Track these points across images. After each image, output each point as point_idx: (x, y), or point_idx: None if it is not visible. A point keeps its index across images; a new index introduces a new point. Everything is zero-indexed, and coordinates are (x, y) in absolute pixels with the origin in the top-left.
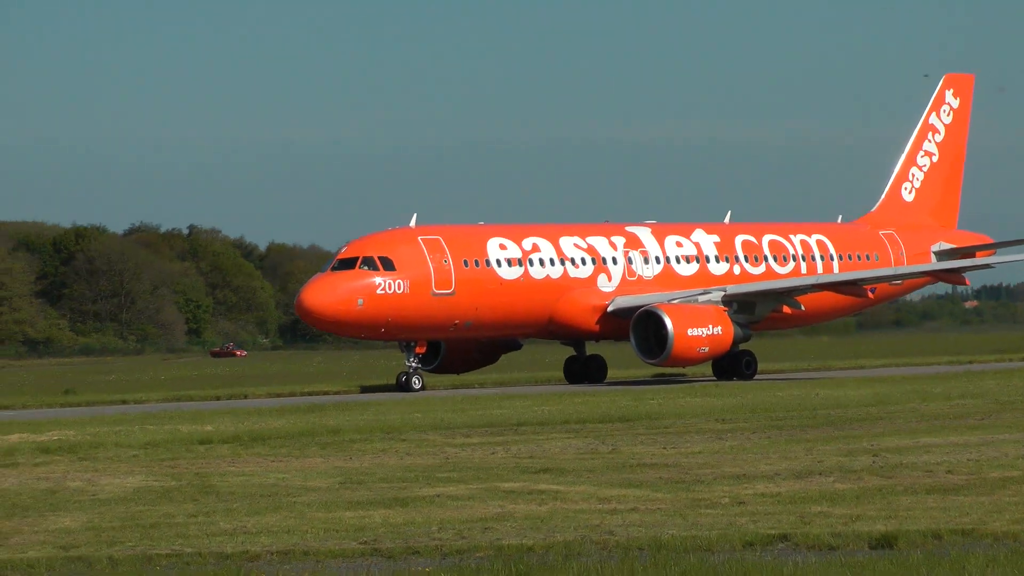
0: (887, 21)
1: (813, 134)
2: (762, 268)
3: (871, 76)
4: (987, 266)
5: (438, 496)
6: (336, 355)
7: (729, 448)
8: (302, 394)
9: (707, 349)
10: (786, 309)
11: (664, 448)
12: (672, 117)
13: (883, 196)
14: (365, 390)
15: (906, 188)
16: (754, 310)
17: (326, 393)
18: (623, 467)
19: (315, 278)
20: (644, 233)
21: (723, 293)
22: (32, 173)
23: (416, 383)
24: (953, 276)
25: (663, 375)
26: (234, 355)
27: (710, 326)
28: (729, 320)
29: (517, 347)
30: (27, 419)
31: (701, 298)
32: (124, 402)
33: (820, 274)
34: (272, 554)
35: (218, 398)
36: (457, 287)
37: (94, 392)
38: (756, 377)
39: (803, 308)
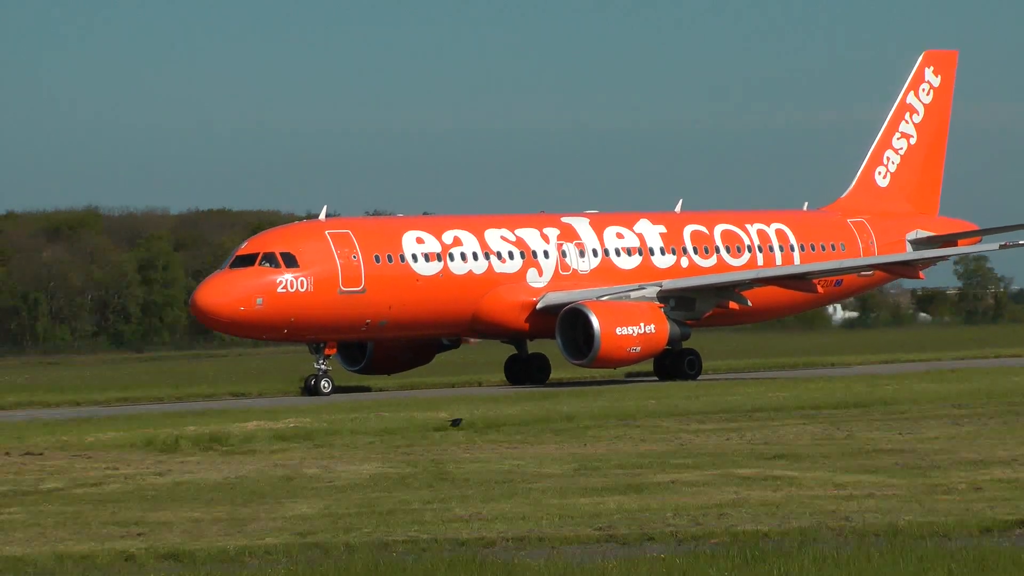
0: None
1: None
2: (713, 260)
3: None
4: (942, 258)
5: (673, 482)
6: None
7: (965, 433)
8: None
9: (639, 349)
10: (732, 305)
11: (900, 434)
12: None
13: (855, 182)
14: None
15: (880, 173)
16: (694, 306)
17: (560, 382)
18: (858, 453)
19: (211, 276)
20: (581, 224)
21: (659, 288)
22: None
23: (325, 387)
24: (905, 269)
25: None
26: (467, 343)
27: (642, 324)
28: (664, 317)
29: (455, 346)
30: (264, 407)
31: (634, 294)
32: (362, 389)
33: (779, 266)
34: (507, 540)
35: (452, 385)
36: (368, 284)
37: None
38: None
39: (749, 303)
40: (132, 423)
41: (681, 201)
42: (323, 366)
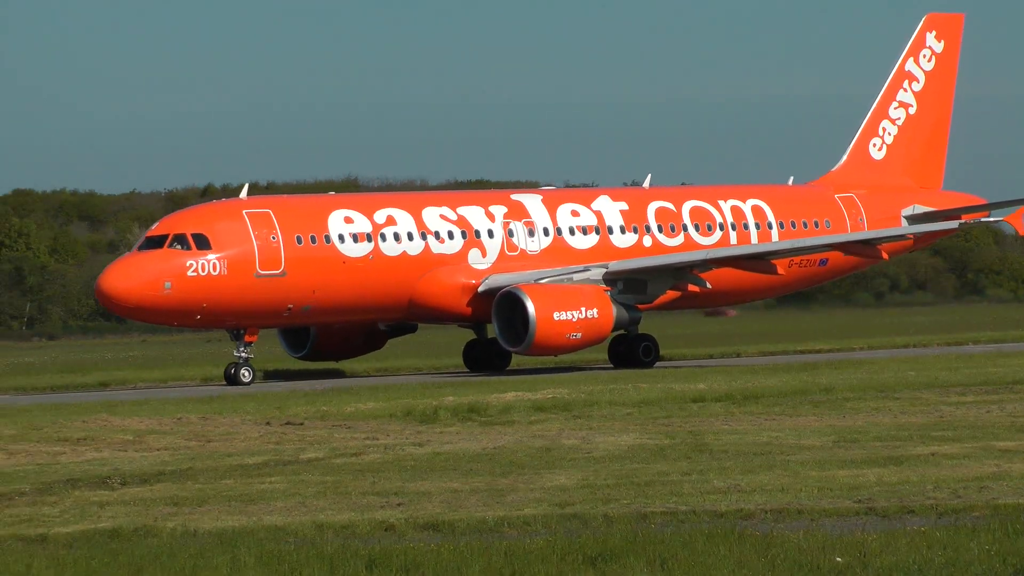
0: None
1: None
2: (679, 239)
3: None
4: (902, 237)
5: (933, 455)
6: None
7: None
8: (795, 352)
9: (579, 335)
10: (692, 287)
11: None
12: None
13: (846, 154)
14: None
15: (875, 144)
16: (645, 289)
17: (819, 351)
18: None
19: (118, 259)
20: (532, 201)
21: (604, 270)
22: None
23: (245, 376)
24: (866, 249)
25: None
26: (726, 315)
27: (583, 308)
28: (609, 301)
29: (411, 330)
30: (522, 378)
31: (577, 276)
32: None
33: (753, 244)
34: (766, 512)
35: (711, 356)
36: (288, 267)
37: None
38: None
39: (708, 285)
40: (391, 394)
41: (650, 176)
42: (244, 354)
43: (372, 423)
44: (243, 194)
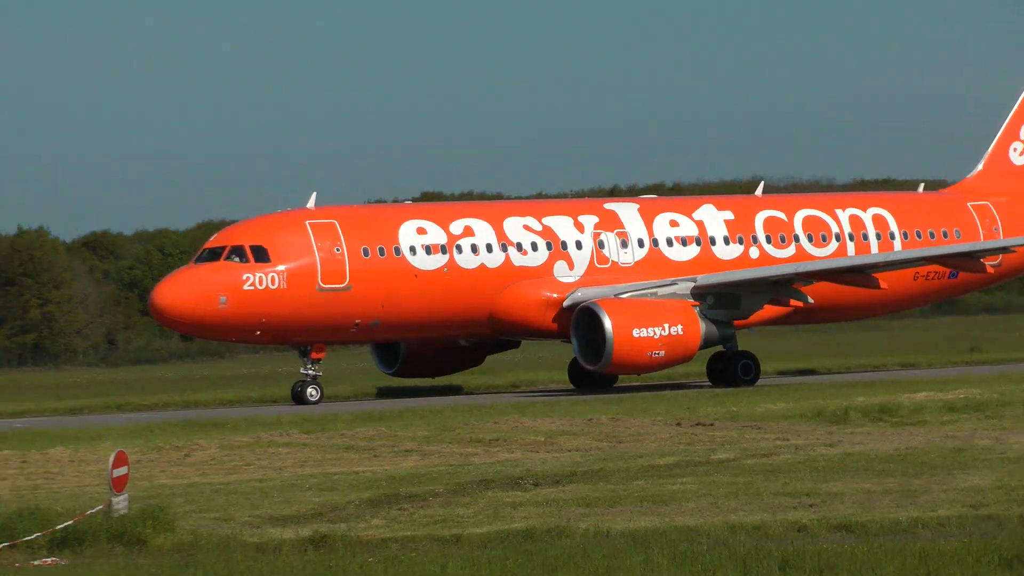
0: None
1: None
2: (790, 251)
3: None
4: (1005, 249)
5: None
6: None
7: None
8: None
9: (662, 353)
10: (793, 302)
11: None
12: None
13: (983, 160)
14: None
15: (1016, 149)
16: (739, 304)
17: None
18: None
19: (173, 273)
20: (627, 210)
21: (692, 284)
22: None
23: (313, 395)
24: (967, 262)
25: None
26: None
27: (666, 325)
28: (696, 317)
29: (512, 345)
30: (934, 377)
31: (662, 291)
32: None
33: (849, 256)
34: None
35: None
36: (353, 280)
37: (1000, 350)
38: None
39: (810, 300)
40: (801, 394)
41: (763, 184)
42: (310, 371)
43: (782, 424)
44: (310, 203)
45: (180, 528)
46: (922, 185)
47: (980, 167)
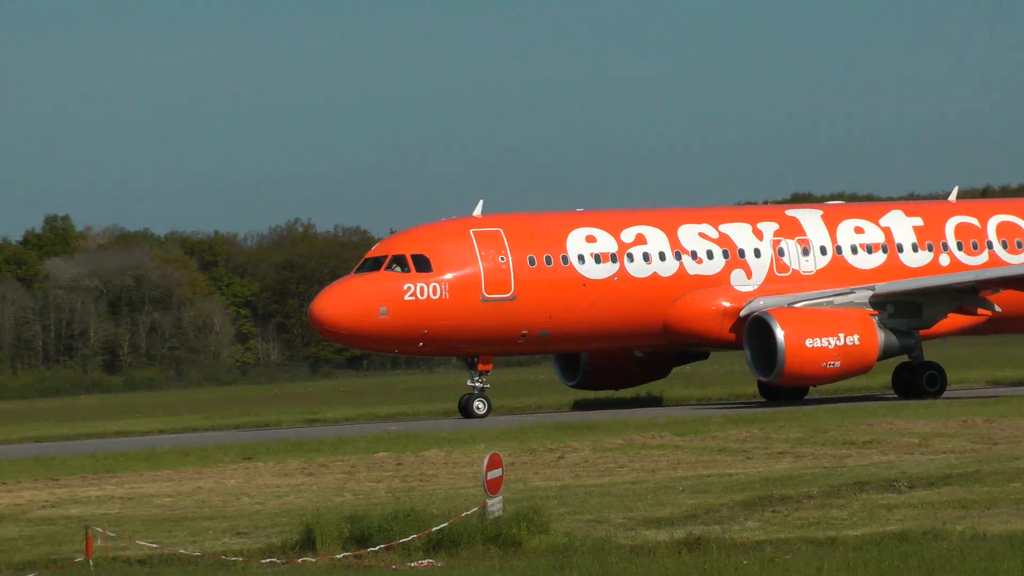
0: None
1: None
2: (983, 258)
3: None
4: None
5: None
6: None
7: None
8: None
9: (837, 364)
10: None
11: None
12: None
13: None
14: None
15: None
16: (920, 312)
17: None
18: None
19: (334, 283)
20: (809, 218)
21: (871, 292)
22: None
23: (479, 408)
24: None
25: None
26: None
27: (841, 335)
28: (873, 326)
29: (701, 356)
30: None
31: (838, 299)
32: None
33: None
34: None
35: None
36: (518, 290)
37: None
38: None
39: (997, 309)
40: None
41: (956, 189)
42: (477, 383)
43: None
44: (477, 211)
45: (555, 530)
46: None
47: None
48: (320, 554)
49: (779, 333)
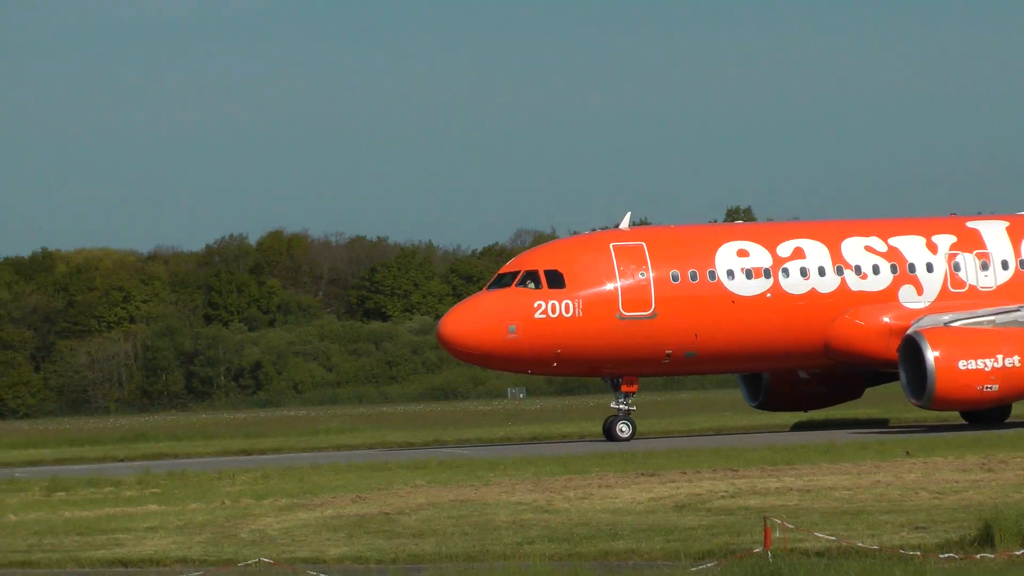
0: None
1: None
2: None
3: None
4: None
5: None
6: None
7: None
8: None
9: (995, 387)
10: None
11: None
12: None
13: None
14: None
15: None
16: None
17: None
18: None
19: (464, 300)
20: (992, 229)
21: None
22: None
23: (623, 431)
24: None
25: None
26: None
27: (999, 356)
28: None
29: (895, 377)
30: None
31: (1001, 318)
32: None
33: None
34: None
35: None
36: (659, 307)
37: None
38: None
39: None
40: None
41: None
42: (622, 405)
43: None
44: (624, 224)
45: None
46: None
47: None
48: (999, 550)
49: (929, 355)
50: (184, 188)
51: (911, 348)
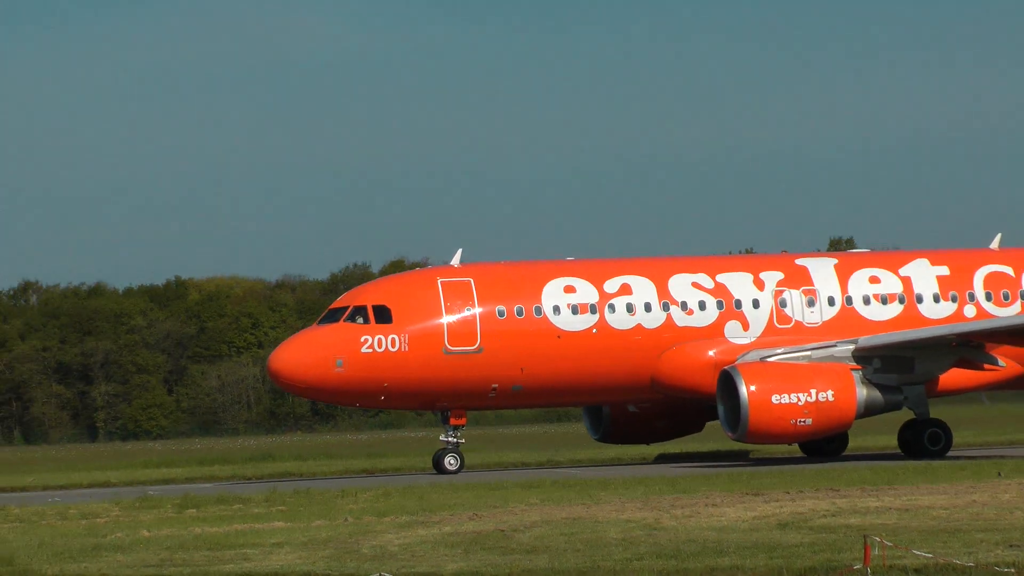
0: None
1: None
2: (1014, 308)
3: None
4: None
5: None
6: None
7: None
8: None
9: (809, 421)
10: (1009, 359)
11: None
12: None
13: None
14: None
15: None
16: (912, 367)
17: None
18: None
19: (295, 335)
20: (820, 267)
21: (853, 346)
22: None
23: (451, 464)
24: None
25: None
26: None
27: (813, 391)
28: (852, 381)
29: None
30: None
31: (816, 353)
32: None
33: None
34: None
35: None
36: (484, 342)
37: None
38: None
39: (1001, 363)
40: None
41: (999, 237)
42: (450, 438)
43: None
44: (454, 261)
45: None
46: None
47: None
48: None
49: (743, 389)
50: (310, 219)
51: (727, 382)
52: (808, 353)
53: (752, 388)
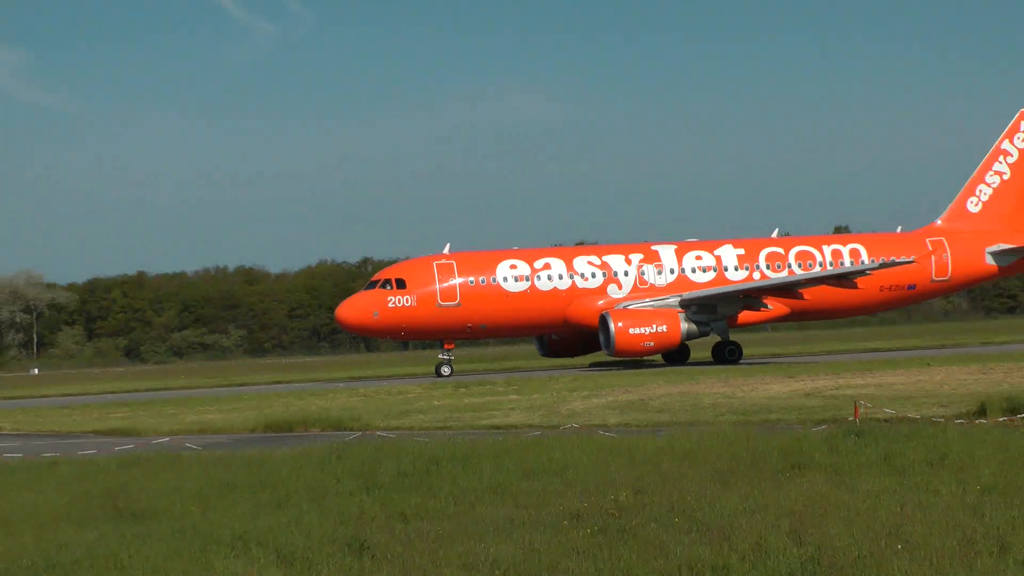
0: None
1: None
2: (783, 274)
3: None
4: (862, 272)
5: None
6: None
7: None
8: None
9: (652, 344)
10: (775, 304)
11: None
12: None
13: (948, 209)
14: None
15: (972, 202)
16: (715, 310)
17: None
18: None
19: (351, 295)
20: (667, 251)
21: (680, 298)
22: None
23: (445, 371)
24: (843, 281)
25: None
26: None
27: (654, 325)
28: (678, 320)
29: None
30: None
31: (657, 303)
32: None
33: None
34: None
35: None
36: (463, 300)
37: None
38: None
39: (769, 307)
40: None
41: (777, 230)
42: (445, 356)
43: None
44: (445, 250)
45: None
46: (900, 227)
47: (944, 213)
48: (990, 418)
49: (611, 325)
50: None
51: (604, 321)
52: (652, 303)
53: (619, 324)
